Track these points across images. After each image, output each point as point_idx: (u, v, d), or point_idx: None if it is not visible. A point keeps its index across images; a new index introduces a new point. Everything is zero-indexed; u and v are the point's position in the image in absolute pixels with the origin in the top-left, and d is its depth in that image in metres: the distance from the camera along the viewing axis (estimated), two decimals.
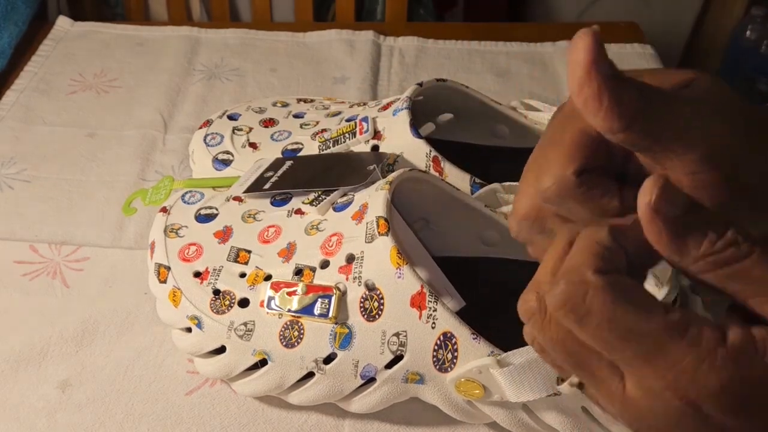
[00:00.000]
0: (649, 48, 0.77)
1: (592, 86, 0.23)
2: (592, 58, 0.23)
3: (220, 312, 0.42)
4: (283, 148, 0.52)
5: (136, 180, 0.60)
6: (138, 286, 0.51)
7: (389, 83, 0.72)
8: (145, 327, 0.48)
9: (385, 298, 0.38)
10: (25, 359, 0.46)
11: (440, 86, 0.52)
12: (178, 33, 0.78)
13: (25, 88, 0.70)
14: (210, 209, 0.47)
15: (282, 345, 0.40)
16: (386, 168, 0.47)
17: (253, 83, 0.71)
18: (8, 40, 0.73)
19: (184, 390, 0.45)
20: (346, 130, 0.51)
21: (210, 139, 0.54)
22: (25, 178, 0.60)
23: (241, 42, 0.77)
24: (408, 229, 0.42)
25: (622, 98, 0.24)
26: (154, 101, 0.68)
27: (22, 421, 0.43)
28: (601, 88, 0.23)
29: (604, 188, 0.27)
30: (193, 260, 0.44)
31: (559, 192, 0.27)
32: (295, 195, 0.47)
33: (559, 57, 0.76)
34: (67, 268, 0.52)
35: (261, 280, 0.42)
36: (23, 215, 0.56)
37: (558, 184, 0.27)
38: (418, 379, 0.39)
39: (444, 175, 0.46)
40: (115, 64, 0.73)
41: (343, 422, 0.43)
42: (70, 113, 0.67)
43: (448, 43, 0.77)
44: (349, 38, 0.77)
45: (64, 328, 0.48)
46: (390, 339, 0.38)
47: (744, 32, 1.16)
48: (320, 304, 0.39)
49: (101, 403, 0.44)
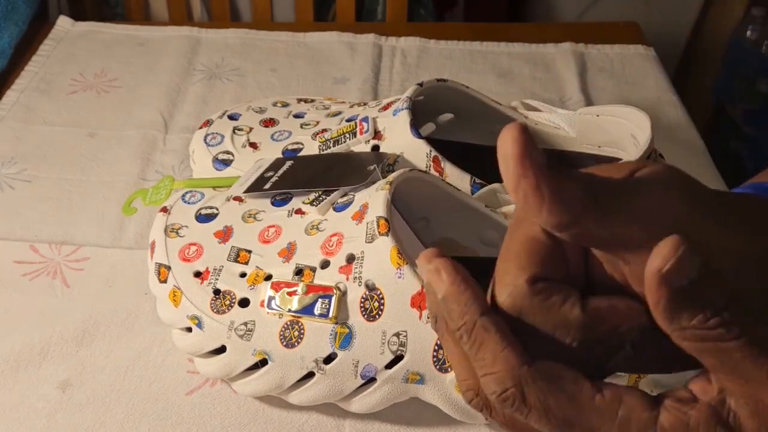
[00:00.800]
0: (651, 50, 0.77)
1: (528, 178, 0.22)
2: (523, 148, 0.22)
3: (220, 312, 0.42)
4: (284, 148, 0.52)
5: (136, 180, 0.60)
6: (138, 286, 0.51)
7: (391, 83, 0.72)
8: (145, 327, 0.48)
9: (386, 298, 0.38)
10: (25, 359, 0.46)
11: (440, 86, 0.52)
12: (178, 33, 0.78)
13: (25, 87, 0.70)
14: (210, 209, 0.47)
15: (282, 345, 0.40)
16: (386, 168, 0.47)
17: (254, 83, 0.71)
18: (9, 39, 0.73)
19: (185, 390, 0.45)
20: (347, 130, 0.51)
21: (210, 139, 0.54)
22: (26, 178, 0.60)
23: (242, 42, 0.77)
24: (408, 229, 0.42)
25: (564, 187, 0.22)
26: (154, 101, 0.68)
27: (22, 421, 0.43)
28: (538, 178, 0.22)
29: (564, 296, 0.25)
30: (194, 260, 0.44)
31: (514, 304, 0.25)
32: (295, 195, 0.47)
33: (561, 58, 0.76)
34: (68, 268, 0.52)
35: (261, 280, 0.42)
36: (23, 215, 0.56)
37: (512, 295, 0.25)
38: (419, 379, 0.39)
39: (444, 175, 0.46)
40: (115, 64, 0.73)
41: (343, 422, 0.43)
42: (71, 113, 0.67)
43: (449, 44, 0.77)
44: (350, 41, 0.77)
45: (64, 328, 0.48)
46: (390, 339, 0.38)
47: (744, 32, 1.16)
48: (320, 304, 0.39)
49: (101, 403, 0.44)
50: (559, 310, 0.25)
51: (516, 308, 0.25)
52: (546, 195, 0.22)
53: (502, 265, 0.26)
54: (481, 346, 0.25)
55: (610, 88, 0.72)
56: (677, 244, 0.21)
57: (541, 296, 0.25)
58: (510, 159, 0.22)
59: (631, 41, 0.78)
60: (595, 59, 0.76)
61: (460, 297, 0.26)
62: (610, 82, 0.73)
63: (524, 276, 0.25)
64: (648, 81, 0.73)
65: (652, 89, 0.72)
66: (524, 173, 0.22)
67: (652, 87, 0.72)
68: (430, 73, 0.73)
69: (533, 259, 0.25)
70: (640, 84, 0.73)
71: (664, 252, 0.21)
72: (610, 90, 0.72)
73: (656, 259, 0.21)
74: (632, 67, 0.75)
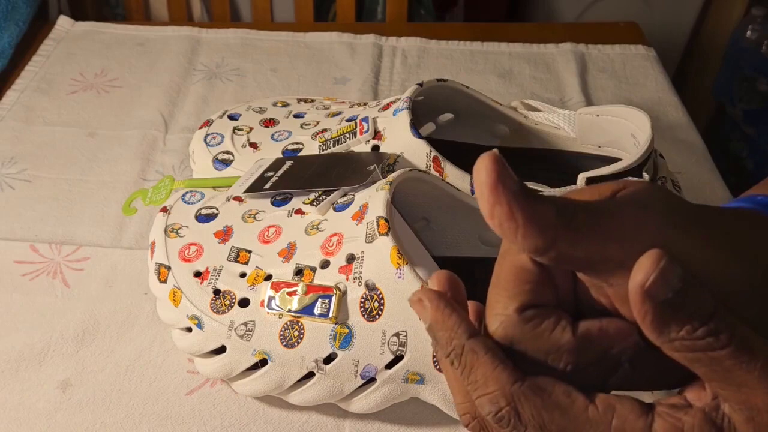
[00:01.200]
0: (652, 51, 0.77)
1: (502, 205, 0.22)
2: (495, 177, 0.22)
3: (220, 312, 0.42)
4: (284, 148, 0.52)
5: (136, 180, 0.60)
6: (138, 286, 0.51)
7: (391, 83, 0.72)
8: (145, 327, 0.48)
9: (386, 298, 0.38)
10: (25, 359, 0.46)
11: (440, 86, 0.52)
12: (178, 33, 0.78)
13: (25, 87, 0.70)
14: (210, 209, 0.47)
15: (282, 345, 0.40)
16: (386, 168, 0.47)
17: (254, 83, 0.71)
18: (9, 39, 0.73)
19: (185, 390, 0.45)
20: (347, 130, 0.51)
21: (210, 139, 0.54)
22: (26, 178, 0.60)
23: (242, 42, 0.77)
24: (408, 229, 0.42)
25: (537, 212, 0.22)
26: (154, 101, 0.68)
27: (22, 421, 0.43)
28: (511, 205, 0.22)
29: (554, 321, 0.25)
30: (194, 260, 0.44)
31: (506, 333, 0.25)
32: (295, 195, 0.47)
33: (561, 58, 0.76)
34: (68, 268, 0.52)
35: (261, 280, 0.42)
36: (23, 215, 0.56)
37: (503, 325, 0.25)
38: (419, 379, 0.39)
39: (444, 175, 0.46)
40: (115, 64, 0.73)
41: (343, 422, 0.43)
42: (71, 113, 0.67)
43: (450, 44, 0.77)
44: (350, 41, 0.77)
45: (64, 328, 0.48)
46: (390, 339, 0.38)
47: (744, 32, 1.16)
48: (320, 304, 0.39)
49: (101, 403, 0.44)
50: (550, 336, 0.25)
51: (508, 337, 0.25)
52: (520, 220, 0.22)
53: (493, 295, 0.26)
54: (472, 368, 0.25)
55: (610, 88, 0.72)
56: (658, 256, 0.21)
57: (532, 323, 0.25)
58: (484, 187, 0.22)
59: (632, 41, 0.78)
60: (595, 59, 0.76)
61: (446, 323, 0.26)
62: (611, 83, 0.73)
63: (514, 305, 0.25)
64: (648, 81, 0.73)
65: (653, 89, 0.72)
66: (497, 201, 0.22)
67: (653, 87, 0.72)
68: (430, 73, 0.73)
69: (522, 288, 0.25)
70: (640, 84, 0.73)
71: (645, 266, 0.21)
72: (611, 90, 0.72)
73: (638, 275, 0.22)
74: (632, 67, 0.75)
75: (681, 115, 0.69)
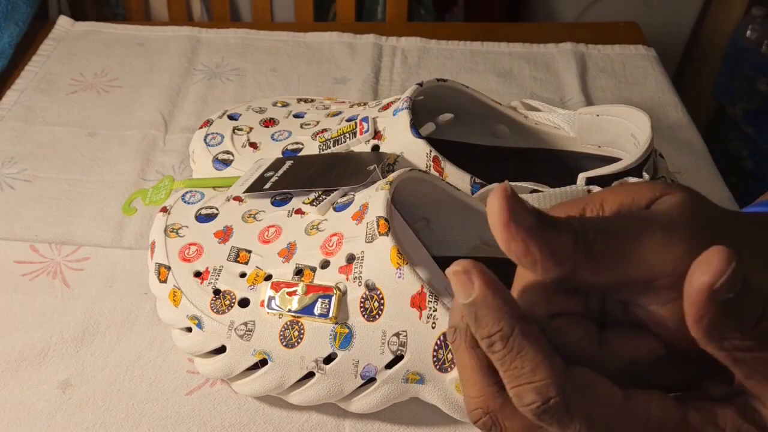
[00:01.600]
0: (652, 51, 0.77)
1: (517, 242, 0.22)
2: (508, 214, 0.22)
3: (220, 312, 0.42)
4: (284, 148, 0.52)
5: (136, 180, 0.60)
6: (138, 286, 0.51)
7: (391, 83, 0.72)
8: (145, 327, 0.48)
9: (386, 298, 0.38)
10: (25, 359, 0.46)
11: (440, 86, 0.52)
12: (178, 33, 0.78)
13: (25, 87, 0.70)
14: (210, 209, 0.47)
15: (282, 345, 0.40)
16: (386, 168, 0.47)
17: (254, 83, 0.71)
18: (9, 39, 0.73)
19: (185, 390, 0.45)
20: (347, 130, 0.51)
21: (210, 139, 0.54)
22: (26, 178, 0.60)
23: (242, 42, 0.77)
24: (408, 229, 0.42)
25: (554, 243, 0.22)
26: (154, 101, 0.68)
27: (22, 421, 0.43)
28: (526, 241, 0.22)
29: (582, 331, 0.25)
30: (194, 260, 0.44)
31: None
32: (295, 195, 0.47)
33: (561, 58, 0.76)
34: (68, 268, 0.52)
35: (261, 280, 0.42)
36: (23, 215, 0.56)
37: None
38: (419, 379, 0.39)
39: (444, 175, 0.46)
40: (115, 63, 0.73)
41: (343, 422, 0.43)
42: (71, 113, 0.67)
43: (450, 44, 0.77)
44: (350, 41, 0.77)
45: (64, 328, 0.48)
46: (390, 339, 0.38)
47: (744, 32, 1.16)
48: (320, 304, 0.39)
49: (101, 403, 0.44)
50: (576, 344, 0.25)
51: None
52: (537, 255, 0.22)
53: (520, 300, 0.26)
54: (519, 353, 0.24)
55: (610, 88, 0.72)
56: (730, 256, 0.20)
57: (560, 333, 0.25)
58: (497, 225, 0.22)
59: (631, 41, 0.78)
60: (595, 59, 0.76)
61: (494, 301, 0.24)
62: (611, 82, 0.73)
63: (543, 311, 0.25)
64: (648, 81, 0.73)
65: (653, 89, 0.72)
66: (512, 238, 0.22)
67: (653, 87, 0.72)
68: (430, 73, 0.73)
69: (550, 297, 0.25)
70: (640, 84, 0.73)
71: (715, 266, 0.20)
72: (611, 90, 0.72)
73: (705, 275, 0.20)
74: (632, 67, 0.75)
75: (681, 115, 0.69)
